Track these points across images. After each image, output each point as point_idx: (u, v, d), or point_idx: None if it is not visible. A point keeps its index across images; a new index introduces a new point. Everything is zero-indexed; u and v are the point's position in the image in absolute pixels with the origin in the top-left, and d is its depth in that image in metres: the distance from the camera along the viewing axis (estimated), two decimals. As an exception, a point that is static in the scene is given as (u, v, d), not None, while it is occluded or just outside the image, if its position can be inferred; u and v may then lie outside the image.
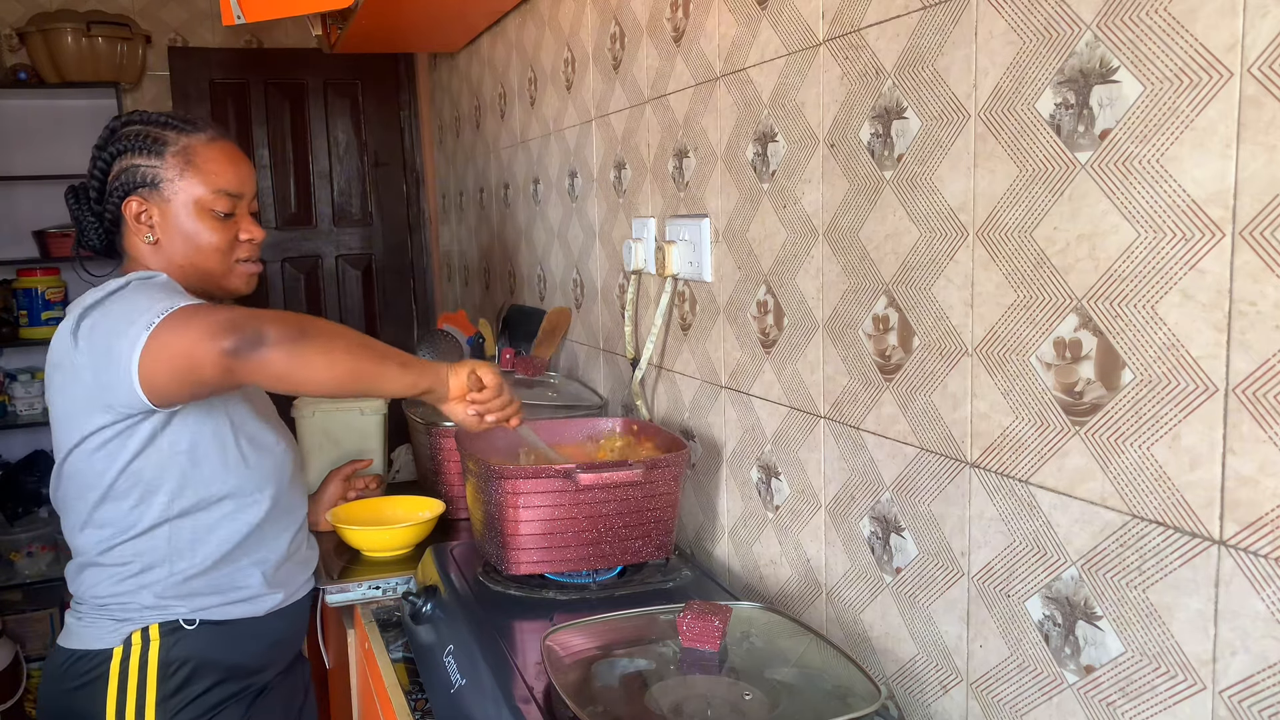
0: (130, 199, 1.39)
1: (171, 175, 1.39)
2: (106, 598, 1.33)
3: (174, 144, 1.40)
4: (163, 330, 1.19)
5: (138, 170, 1.39)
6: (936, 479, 1.03)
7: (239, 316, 1.18)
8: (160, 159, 1.39)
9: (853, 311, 1.15)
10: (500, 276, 2.81)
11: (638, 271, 1.72)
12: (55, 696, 1.34)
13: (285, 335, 1.17)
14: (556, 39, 2.16)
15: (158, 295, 1.26)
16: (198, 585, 1.35)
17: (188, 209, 1.39)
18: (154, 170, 1.39)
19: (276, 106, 4.12)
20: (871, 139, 1.10)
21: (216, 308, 1.24)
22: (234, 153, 1.45)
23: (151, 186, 1.39)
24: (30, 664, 3.36)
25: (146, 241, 1.40)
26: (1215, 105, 0.72)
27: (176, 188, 1.39)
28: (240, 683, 1.39)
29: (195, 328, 1.18)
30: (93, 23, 3.79)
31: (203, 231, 1.40)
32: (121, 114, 1.45)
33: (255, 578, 1.40)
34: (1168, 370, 0.77)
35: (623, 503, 1.35)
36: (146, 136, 1.39)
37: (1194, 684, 0.77)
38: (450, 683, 1.19)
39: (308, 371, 1.20)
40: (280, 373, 1.19)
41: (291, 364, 1.18)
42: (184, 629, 1.34)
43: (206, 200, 1.40)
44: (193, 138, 1.41)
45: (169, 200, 1.39)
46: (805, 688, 1.01)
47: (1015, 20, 0.89)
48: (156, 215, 1.39)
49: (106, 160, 1.40)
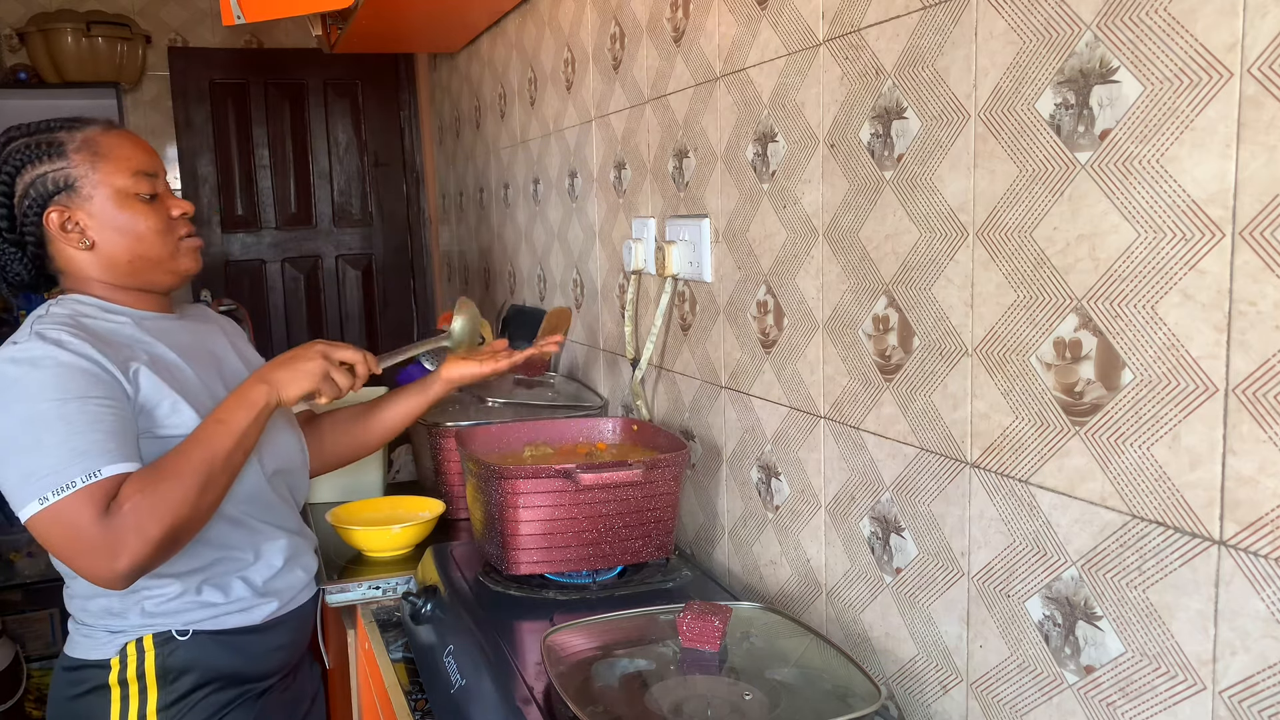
0: (49, 211, 1.29)
1: (84, 171, 1.30)
2: (98, 613, 1.32)
3: (71, 141, 1.31)
4: (50, 520, 1.15)
5: (46, 178, 1.29)
6: (936, 479, 1.03)
7: (114, 536, 1.15)
8: (64, 159, 1.30)
9: (853, 311, 1.15)
10: (500, 276, 2.81)
11: (638, 271, 1.72)
12: (61, 704, 1.34)
13: (150, 522, 1.16)
14: (556, 39, 2.16)
15: (49, 401, 1.18)
16: (183, 604, 1.32)
17: (112, 201, 1.31)
18: (63, 172, 1.29)
19: (276, 106, 4.12)
20: (871, 139, 1.10)
21: (100, 519, 1.15)
22: (133, 135, 1.37)
23: (68, 190, 1.30)
24: (30, 664, 3.36)
25: (81, 248, 1.31)
26: (1215, 105, 0.72)
27: (94, 181, 1.30)
28: (242, 688, 1.37)
29: (83, 545, 1.15)
30: (93, 23, 3.79)
31: (136, 219, 1.32)
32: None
33: (243, 589, 1.36)
34: (1168, 370, 0.77)
35: (623, 503, 1.35)
36: (40, 144, 1.30)
37: (1194, 684, 0.77)
38: (450, 683, 1.19)
39: (186, 510, 1.19)
40: (176, 537, 1.19)
41: (176, 524, 1.18)
42: (177, 639, 1.32)
43: (128, 186, 1.32)
44: (87, 131, 1.33)
45: (90, 198, 1.30)
46: (805, 688, 1.01)
47: (1015, 20, 0.89)
48: (83, 218, 1.30)
49: (5, 182, 1.30)
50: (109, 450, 1.18)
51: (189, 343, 1.40)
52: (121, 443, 1.20)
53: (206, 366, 1.39)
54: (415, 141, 4.12)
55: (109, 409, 1.21)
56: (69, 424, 1.17)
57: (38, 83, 3.83)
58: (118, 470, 1.17)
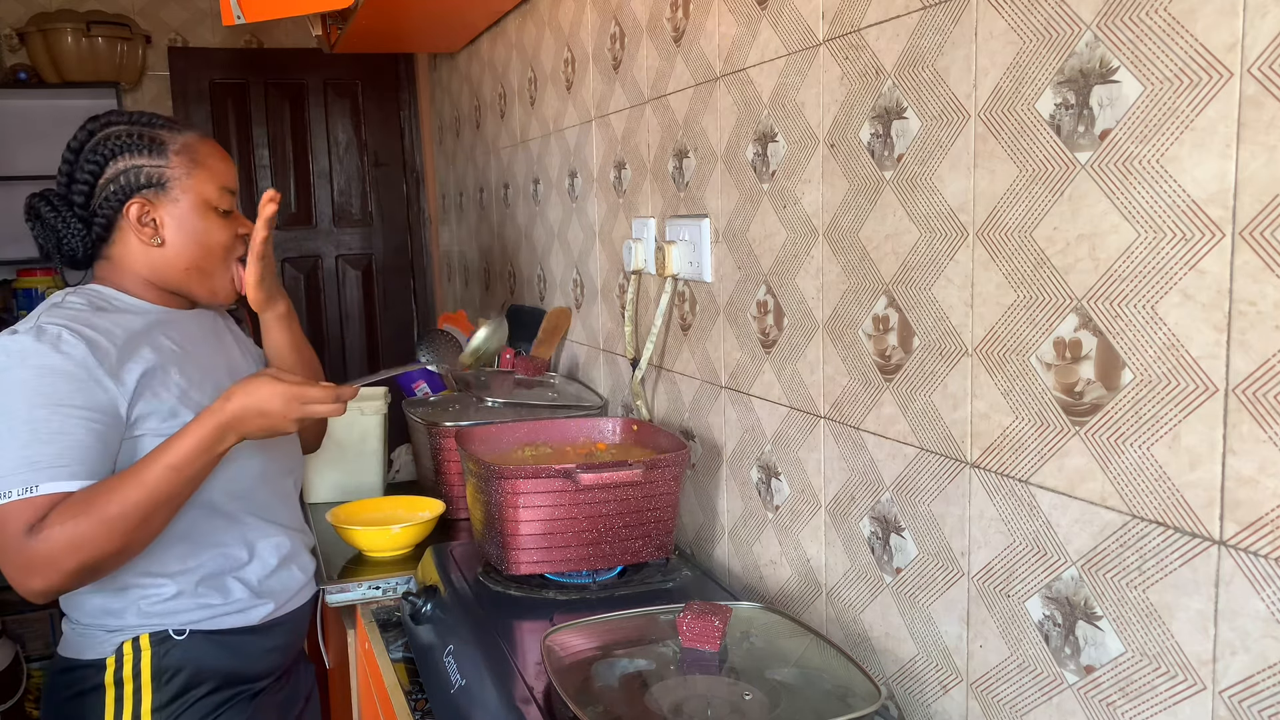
0: (132, 202, 1.33)
1: (179, 175, 1.34)
2: (94, 612, 1.32)
3: (173, 143, 1.35)
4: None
5: (140, 171, 1.33)
6: (936, 479, 1.03)
7: (30, 558, 1.16)
8: (164, 158, 1.34)
9: (853, 311, 1.15)
10: (500, 276, 2.81)
11: (638, 271, 1.72)
12: (56, 705, 1.34)
13: (65, 555, 1.16)
14: (556, 39, 2.16)
15: (23, 403, 1.19)
16: (179, 604, 1.32)
17: (196, 209, 1.35)
18: (159, 170, 1.33)
19: (276, 106, 4.12)
20: (871, 139, 1.10)
21: (22, 536, 1.16)
22: (222, 149, 1.42)
23: (159, 187, 1.33)
24: (30, 664, 3.36)
25: (153, 244, 1.34)
26: (1215, 105, 0.72)
27: (186, 186, 1.34)
28: (237, 688, 1.37)
29: (5, 555, 1.17)
30: (93, 23, 3.79)
31: (212, 230, 1.37)
32: (98, 115, 1.38)
33: (239, 590, 1.37)
34: (1168, 370, 0.77)
35: (623, 503, 1.35)
36: (143, 136, 1.34)
37: (1194, 684, 0.77)
38: (450, 683, 1.19)
39: (108, 547, 1.18)
40: (94, 569, 1.20)
41: (93, 560, 1.18)
42: (174, 639, 1.32)
43: (214, 198, 1.36)
44: (186, 136, 1.37)
45: (177, 200, 1.34)
46: (805, 688, 1.01)
47: (1015, 20, 0.89)
48: (164, 217, 1.34)
49: (97, 163, 1.33)
50: (60, 465, 1.18)
51: (200, 338, 1.42)
52: (82, 458, 1.20)
53: (215, 363, 1.42)
54: (415, 141, 4.12)
55: (82, 420, 1.21)
56: (33, 430, 1.18)
57: (38, 83, 3.83)
58: (56, 489, 1.17)
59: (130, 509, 1.19)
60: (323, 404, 1.29)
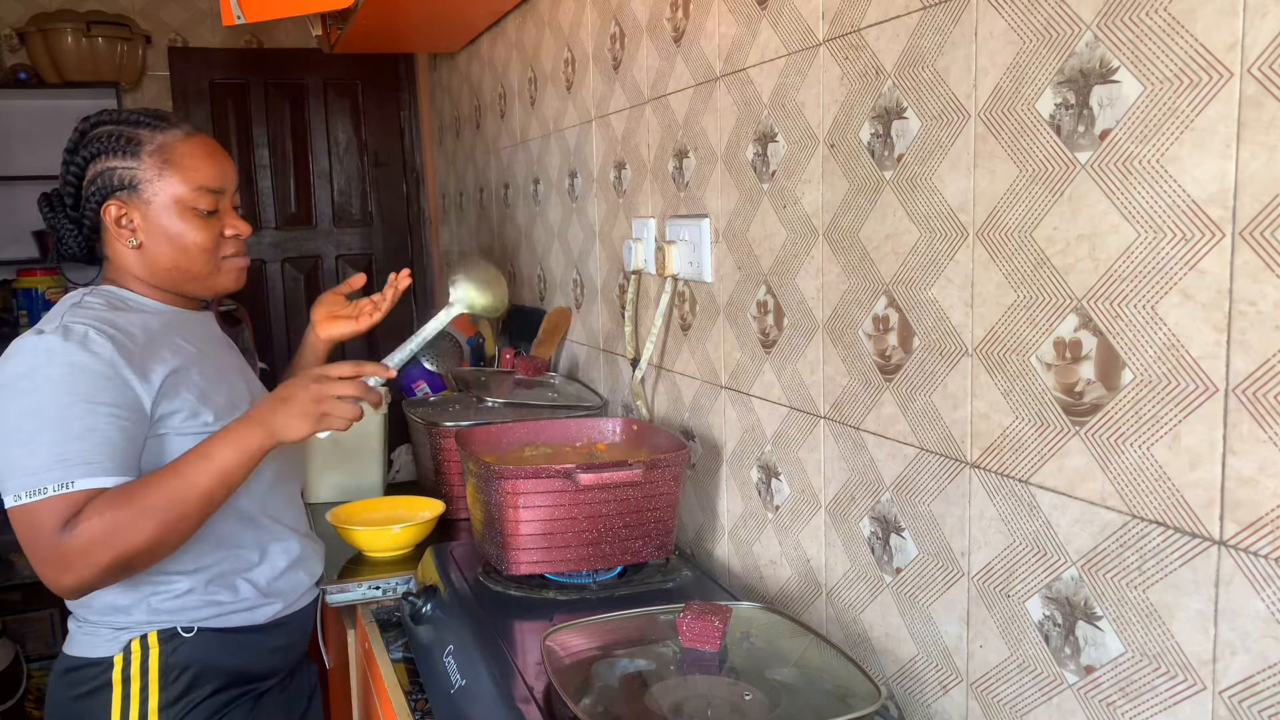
0: (109, 203, 1.33)
1: (150, 176, 1.33)
2: (103, 609, 1.32)
3: (149, 143, 1.34)
4: (19, 518, 1.18)
5: (114, 173, 1.32)
6: (936, 479, 1.03)
7: (65, 553, 1.16)
8: (136, 159, 1.32)
9: (853, 312, 1.15)
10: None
11: (638, 271, 1.72)
12: (61, 704, 1.34)
13: (100, 550, 1.16)
14: (556, 39, 2.16)
15: (55, 400, 1.19)
16: (189, 601, 1.33)
17: (169, 209, 1.34)
18: (131, 172, 1.32)
19: (276, 106, 4.13)
20: (871, 139, 1.10)
21: (58, 532, 1.17)
22: (211, 147, 1.40)
23: (130, 189, 1.33)
24: (30, 664, 3.36)
25: (130, 246, 1.34)
26: (1215, 105, 0.72)
27: (156, 188, 1.33)
28: (242, 687, 1.38)
29: (39, 551, 1.18)
30: (93, 23, 3.79)
31: (187, 231, 1.35)
32: (90, 115, 1.38)
33: (248, 589, 1.37)
34: (1168, 370, 0.77)
35: (623, 503, 1.35)
36: (120, 137, 1.33)
37: (1194, 684, 0.77)
38: (450, 683, 1.19)
39: (142, 544, 1.18)
40: (127, 565, 1.20)
41: (127, 556, 1.18)
42: (182, 636, 1.32)
43: (188, 199, 1.34)
44: (168, 135, 1.35)
45: (149, 202, 1.33)
46: (805, 688, 1.01)
47: (1015, 20, 0.89)
48: (138, 218, 1.34)
49: (80, 164, 1.33)
50: (93, 461, 1.19)
51: (211, 339, 1.44)
52: (112, 454, 1.21)
53: (228, 364, 1.44)
54: (415, 141, 4.12)
55: (111, 417, 1.22)
56: (65, 428, 1.19)
57: (38, 83, 3.83)
58: (91, 485, 1.18)
59: (168, 503, 1.20)
60: (345, 367, 1.31)
